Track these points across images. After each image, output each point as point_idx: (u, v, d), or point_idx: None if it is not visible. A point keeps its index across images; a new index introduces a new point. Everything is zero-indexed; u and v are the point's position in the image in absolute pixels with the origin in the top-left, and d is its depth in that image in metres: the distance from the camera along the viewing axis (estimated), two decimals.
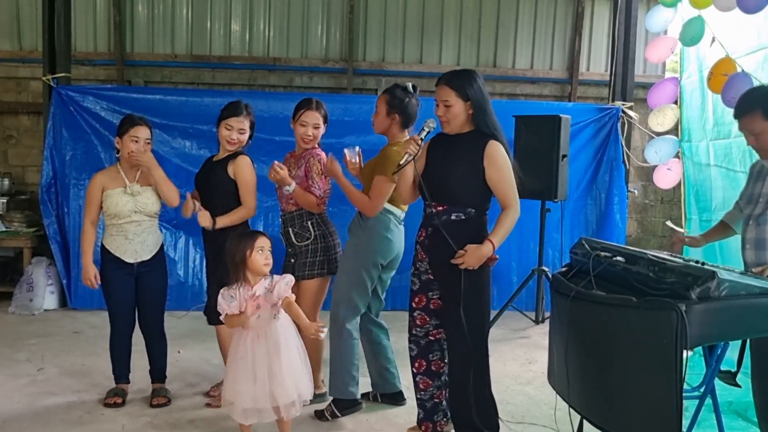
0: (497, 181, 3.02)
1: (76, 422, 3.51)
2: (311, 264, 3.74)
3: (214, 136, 3.88)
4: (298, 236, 3.74)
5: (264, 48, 6.97)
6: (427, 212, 3.16)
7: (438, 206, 3.09)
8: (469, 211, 3.05)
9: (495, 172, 3.01)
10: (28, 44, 6.73)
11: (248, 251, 3.03)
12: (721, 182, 4.81)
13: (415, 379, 3.35)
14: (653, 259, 2.34)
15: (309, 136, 3.71)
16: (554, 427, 3.36)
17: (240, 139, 3.71)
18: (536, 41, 7.22)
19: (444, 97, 3.06)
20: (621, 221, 6.40)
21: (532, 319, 5.83)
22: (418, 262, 3.24)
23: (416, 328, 3.29)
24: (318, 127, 3.74)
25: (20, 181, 6.74)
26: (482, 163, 3.01)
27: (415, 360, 3.33)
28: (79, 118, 5.86)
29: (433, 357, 3.31)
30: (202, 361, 4.41)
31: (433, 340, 3.29)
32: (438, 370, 3.32)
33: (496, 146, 3.03)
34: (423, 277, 3.23)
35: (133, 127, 3.65)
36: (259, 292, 3.05)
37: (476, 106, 3.05)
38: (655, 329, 2.13)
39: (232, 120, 3.70)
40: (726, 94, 4.15)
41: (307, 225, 3.76)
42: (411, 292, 3.30)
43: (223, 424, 3.46)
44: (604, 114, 6.38)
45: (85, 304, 5.82)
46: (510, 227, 3.04)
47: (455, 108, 3.04)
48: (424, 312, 3.26)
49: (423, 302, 3.25)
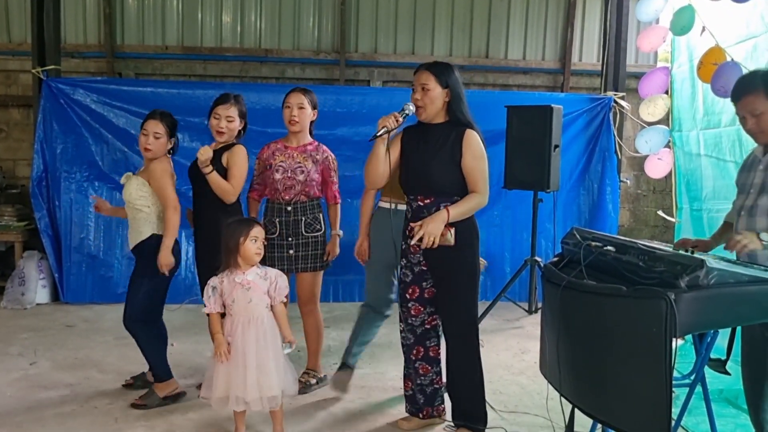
0: (471, 168, 3.09)
1: (68, 416, 3.51)
2: (315, 257, 3.83)
3: (205, 128, 3.88)
4: (309, 227, 3.76)
5: (255, 39, 6.94)
6: (414, 206, 3.20)
7: (425, 199, 3.14)
8: (455, 200, 3.11)
9: (471, 159, 3.08)
10: (17, 36, 6.68)
11: (242, 238, 3.07)
12: (711, 172, 4.83)
13: (414, 365, 3.38)
14: (643, 249, 2.35)
15: (295, 116, 3.73)
16: (546, 416, 3.39)
17: (229, 127, 3.70)
18: (528, 32, 7.21)
19: (424, 80, 3.10)
20: (613, 211, 6.42)
21: (525, 310, 5.85)
22: (410, 255, 3.26)
23: (411, 318, 3.33)
24: (302, 107, 3.75)
25: (11, 174, 6.71)
26: (461, 151, 3.07)
27: (412, 348, 3.37)
28: (70, 111, 5.83)
29: (430, 343, 3.38)
30: (195, 354, 4.41)
31: (429, 328, 3.35)
32: (435, 355, 3.39)
33: (473, 135, 3.11)
34: (416, 269, 3.26)
35: (146, 120, 3.65)
36: (250, 277, 3.09)
37: (453, 94, 3.12)
38: (645, 318, 2.14)
39: (219, 108, 3.72)
40: (715, 83, 4.15)
41: (318, 217, 3.80)
42: (403, 284, 3.33)
43: (216, 415, 3.46)
44: (596, 104, 6.39)
45: (77, 297, 5.82)
46: (472, 208, 3.11)
47: (433, 92, 3.09)
48: (418, 302, 3.30)
49: (417, 293, 3.29)
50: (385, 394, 3.90)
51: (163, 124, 3.63)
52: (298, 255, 3.77)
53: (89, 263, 5.86)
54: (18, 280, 5.74)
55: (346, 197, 5.88)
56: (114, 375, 4.08)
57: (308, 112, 3.79)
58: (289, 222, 3.76)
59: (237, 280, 3.08)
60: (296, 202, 3.78)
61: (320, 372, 3.98)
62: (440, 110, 3.14)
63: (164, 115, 3.68)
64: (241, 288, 3.08)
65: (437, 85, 3.09)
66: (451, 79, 3.12)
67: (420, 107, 3.13)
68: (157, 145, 3.61)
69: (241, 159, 3.68)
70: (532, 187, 5.47)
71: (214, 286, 3.12)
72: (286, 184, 3.75)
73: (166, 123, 3.65)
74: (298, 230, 3.76)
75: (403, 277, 3.34)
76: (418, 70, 3.16)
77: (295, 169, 3.75)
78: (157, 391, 3.65)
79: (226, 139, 3.74)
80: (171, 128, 3.69)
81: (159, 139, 3.61)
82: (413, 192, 3.20)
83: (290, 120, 3.75)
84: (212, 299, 3.11)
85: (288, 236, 3.75)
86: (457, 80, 3.13)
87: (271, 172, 3.78)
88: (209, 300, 3.11)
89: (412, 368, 3.40)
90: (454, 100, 3.13)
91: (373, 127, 3.58)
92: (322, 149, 3.86)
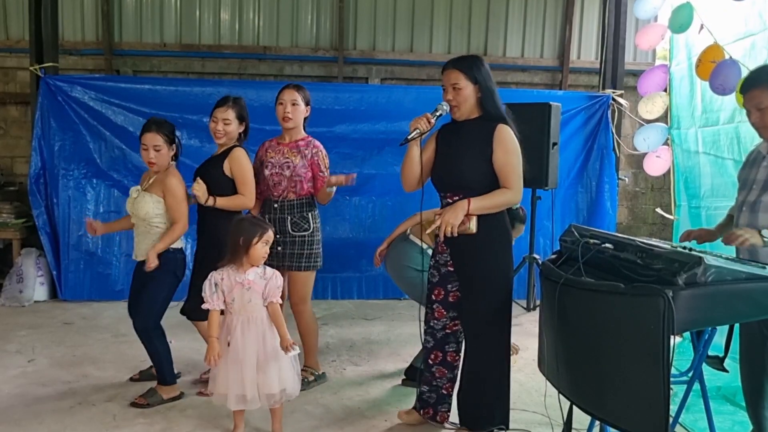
0: (503, 163, 3.00)
1: (66, 412, 3.51)
2: (307, 256, 3.78)
3: (204, 126, 3.88)
4: (296, 226, 3.75)
5: (254, 37, 6.93)
6: (444, 203, 3.15)
7: (454, 196, 3.08)
8: None
9: (502, 155, 3.00)
10: (15, 33, 6.66)
11: (256, 239, 3.03)
12: (710, 169, 4.83)
13: (431, 369, 3.35)
14: (641, 246, 2.35)
15: (288, 113, 3.72)
16: (544, 413, 3.39)
17: (226, 130, 3.70)
18: (527, 29, 7.21)
19: (454, 80, 3.04)
20: (611, 209, 6.43)
21: (524, 307, 5.86)
22: (438, 255, 3.23)
23: (433, 320, 3.29)
24: (296, 104, 3.74)
25: (9, 172, 6.70)
26: (491, 147, 3.00)
27: (431, 352, 3.34)
28: (68, 108, 5.82)
29: (449, 349, 3.33)
30: (192, 351, 4.41)
31: (450, 333, 3.30)
32: (453, 362, 3.34)
33: (505, 129, 3.03)
34: (442, 270, 3.22)
35: (142, 135, 3.60)
36: (251, 277, 3.08)
37: (484, 89, 3.06)
38: (643, 315, 2.14)
39: (216, 111, 3.72)
40: (714, 81, 4.15)
41: (307, 216, 3.78)
42: (430, 284, 3.29)
43: (214, 412, 3.46)
44: (594, 102, 6.39)
45: (75, 295, 5.81)
46: (500, 203, 3.03)
47: (465, 91, 3.04)
48: (442, 305, 3.26)
49: (442, 295, 3.25)
50: (383, 392, 3.90)
51: (161, 135, 3.57)
52: (286, 252, 3.76)
53: (87, 260, 5.86)
54: (16, 277, 5.74)
55: (345, 194, 5.90)
56: (112, 372, 4.08)
57: (301, 108, 3.78)
58: (276, 219, 3.76)
59: (238, 280, 3.07)
60: (283, 199, 3.77)
61: (318, 369, 3.98)
62: (473, 106, 3.08)
63: (160, 124, 3.61)
64: (241, 287, 3.07)
65: (468, 82, 3.03)
66: (480, 74, 3.04)
67: (455, 106, 3.07)
68: (160, 158, 3.58)
69: (243, 163, 3.67)
70: (530, 185, 5.46)
71: (216, 283, 3.07)
72: (274, 180, 3.75)
73: (164, 132, 3.59)
74: (285, 228, 3.75)
75: (430, 278, 3.30)
76: (446, 69, 3.09)
77: (282, 165, 3.75)
78: (160, 393, 3.64)
79: (224, 142, 3.74)
80: (170, 136, 3.63)
81: (160, 151, 3.57)
82: (444, 189, 3.15)
83: (283, 117, 3.75)
84: (214, 296, 3.07)
85: (277, 233, 3.75)
86: (486, 73, 3.06)
87: (262, 169, 3.78)
88: (211, 296, 3.07)
89: (428, 371, 3.36)
90: (485, 95, 3.06)
91: (371, 124, 3.59)
92: (313, 144, 3.82)
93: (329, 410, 3.62)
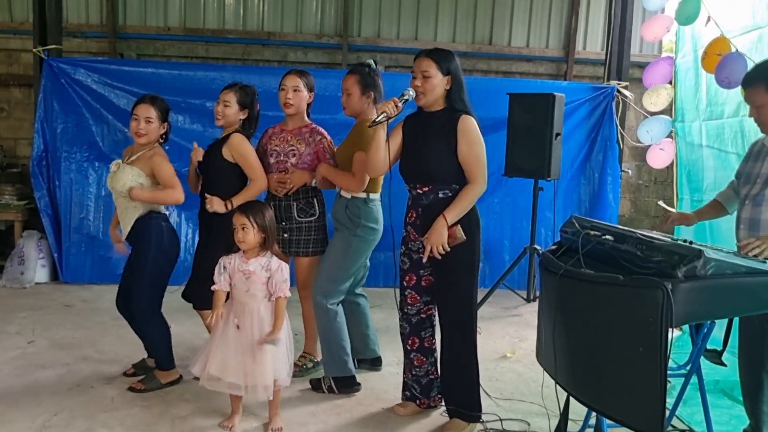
0: (466, 154, 3.06)
1: (65, 395, 3.52)
2: (313, 242, 3.79)
3: (206, 110, 3.87)
4: (302, 212, 3.75)
5: (258, 22, 6.90)
6: (414, 194, 3.20)
7: (423, 187, 3.13)
8: (454, 188, 3.10)
9: (465, 146, 3.05)
10: (19, 15, 6.63)
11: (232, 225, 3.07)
12: (713, 163, 4.80)
13: (409, 356, 3.40)
14: (641, 238, 2.34)
15: (289, 98, 3.70)
16: (541, 404, 3.40)
17: (225, 113, 3.67)
18: (532, 19, 7.16)
19: (424, 68, 3.07)
20: (614, 201, 6.41)
21: (524, 298, 5.86)
22: (410, 242, 3.27)
23: (407, 306, 3.34)
24: (298, 90, 3.72)
25: (11, 153, 6.69)
26: (455, 139, 3.04)
27: (407, 338, 3.38)
28: (71, 91, 5.81)
29: (425, 334, 3.38)
30: (193, 335, 4.42)
31: (425, 318, 3.35)
32: (430, 346, 3.39)
33: (468, 120, 3.07)
34: (414, 257, 3.27)
35: (136, 105, 3.56)
36: (252, 267, 3.08)
37: (454, 82, 3.10)
38: (641, 307, 2.14)
39: (221, 93, 3.71)
40: (719, 73, 4.12)
41: (313, 202, 3.77)
42: (401, 271, 3.34)
43: (213, 397, 3.47)
44: (598, 93, 6.36)
45: (76, 277, 5.83)
46: (469, 202, 3.08)
47: (434, 80, 3.07)
48: (415, 290, 3.31)
49: (414, 281, 3.29)
50: (381, 380, 3.91)
51: (155, 109, 3.53)
52: (292, 239, 3.76)
53: (88, 243, 5.86)
54: (17, 259, 5.75)
55: None
56: (111, 355, 4.10)
57: (304, 94, 3.76)
58: (282, 206, 3.74)
59: (240, 268, 3.09)
60: None
61: (317, 356, 3.98)
62: (440, 97, 3.12)
63: (155, 99, 3.58)
64: (241, 275, 3.08)
65: (438, 72, 3.06)
66: (452, 66, 3.09)
67: (420, 93, 3.10)
68: (150, 130, 3.52)
69: (244, 148, 3.63)
70: (532, 175, 5.46)
71: (225, 266, 3.12)
72: (279, 168, 3.73)
73: (158, 107, 3.55)
74: (291, 215, 3.75)
75: (401, 264, 3.33)
76: (418, 57, 3.13)
77: (287, 153, 3.73)
78: (159, 377, 3.65)
79: (222, 125, 3.72)
80: (163, 113, 3.59)
81: (151, 123, 3.51)
82: (412, 180, 3.19)
83: (285, 102, 3.73)
84: (222, 277, 3.11)
85: (282, 220, 3.73)
86: (457, 68, 3.11)
87: (266, 157, 3.77)
88: (219, 277, 3.11)
89: (407, 359, 3.42)
90: (454, 87, 3.11)
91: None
92: (318, 132, 3.79)
93: (326, 397, 3.62)
